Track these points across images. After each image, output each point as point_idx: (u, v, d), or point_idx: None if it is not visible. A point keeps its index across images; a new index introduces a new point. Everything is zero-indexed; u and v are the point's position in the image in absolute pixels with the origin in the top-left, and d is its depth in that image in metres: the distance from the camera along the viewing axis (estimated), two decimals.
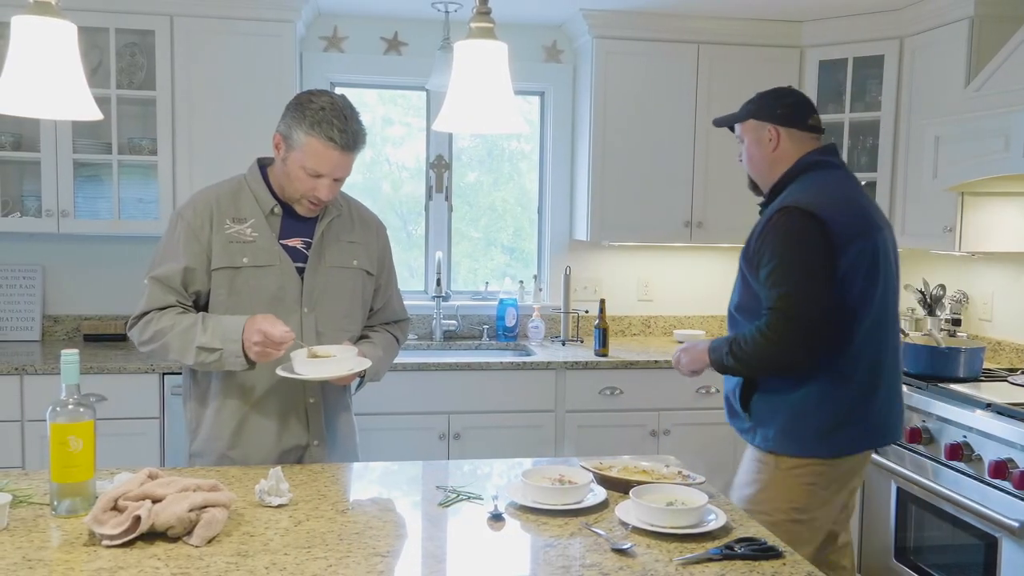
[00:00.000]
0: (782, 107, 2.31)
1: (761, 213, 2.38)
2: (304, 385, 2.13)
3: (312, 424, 2.16)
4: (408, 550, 1.54)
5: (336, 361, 1.99)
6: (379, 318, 2.33)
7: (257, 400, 2.12)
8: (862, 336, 2.16)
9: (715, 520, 1.64)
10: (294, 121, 2.03)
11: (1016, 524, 2.42)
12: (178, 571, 1.41)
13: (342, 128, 2.01)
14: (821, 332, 2.10)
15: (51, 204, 3.53)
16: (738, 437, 2.38)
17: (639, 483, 1.77)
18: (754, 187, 2.45)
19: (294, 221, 2.14)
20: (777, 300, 2.11)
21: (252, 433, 2.12)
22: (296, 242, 2.14)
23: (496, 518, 1.69)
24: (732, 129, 2.44)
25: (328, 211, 2.17)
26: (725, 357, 2.22)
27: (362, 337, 2.25)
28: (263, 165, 2.18)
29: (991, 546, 2.57)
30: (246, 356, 1.96)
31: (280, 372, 1.98)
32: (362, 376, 2.17)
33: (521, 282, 4.29)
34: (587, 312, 4.21)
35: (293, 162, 2.04)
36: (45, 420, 1.64)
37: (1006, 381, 3.00)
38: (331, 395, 2.20)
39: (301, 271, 2.12)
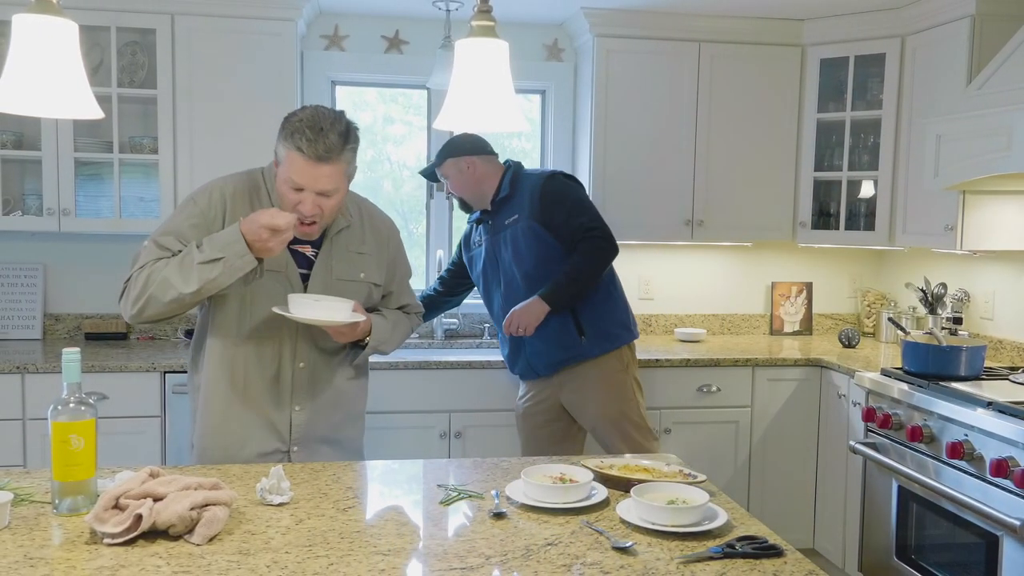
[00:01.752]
0: (468, 143, 3.11)
1: (486, 219, 3.17)
2: (292, 393, 2.13)
3: (295, 430, 2.16)
4: (409, 548, 1.54)
5: (331, 308, 1.99)
6: None
7: (242, 402, 2.12)
8: None
9: (716, 519, 1.64)
10: (279, 136, 2.02)
11: (1017, 523, 2.41)
12: (179, 569, 1.41)
13: (312, 139, 1.94)
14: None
15: (52, 203, 3.53)
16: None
17: (640, 481, 1.77)
18: (464, 206, 3.22)
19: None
20: (591, 225, 3.03)
21: (234, 433, 2.13)
22: (306, 248, 2.13)
23: (497, 516, 1.69)
24: (435, 178, 3.22)
25: (337, 222, 2.14)
26: (566, 288, 2.98)
27: (373, 309, 2.25)
28: None
29: (992, 545, 2.57)
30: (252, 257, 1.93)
31: (275, 309, 1.99)
32: (363, 345, 2.16)
33: None
34: None
35: (279, 177, 2.03)
36: (46, 418, 1.64)
37: (1007, 380, 2.99)
38: (322, 399, 2.19)
39: (306, 278, 2.12)
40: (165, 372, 3.32)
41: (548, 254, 3.04)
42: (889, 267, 4.40)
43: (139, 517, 1.49)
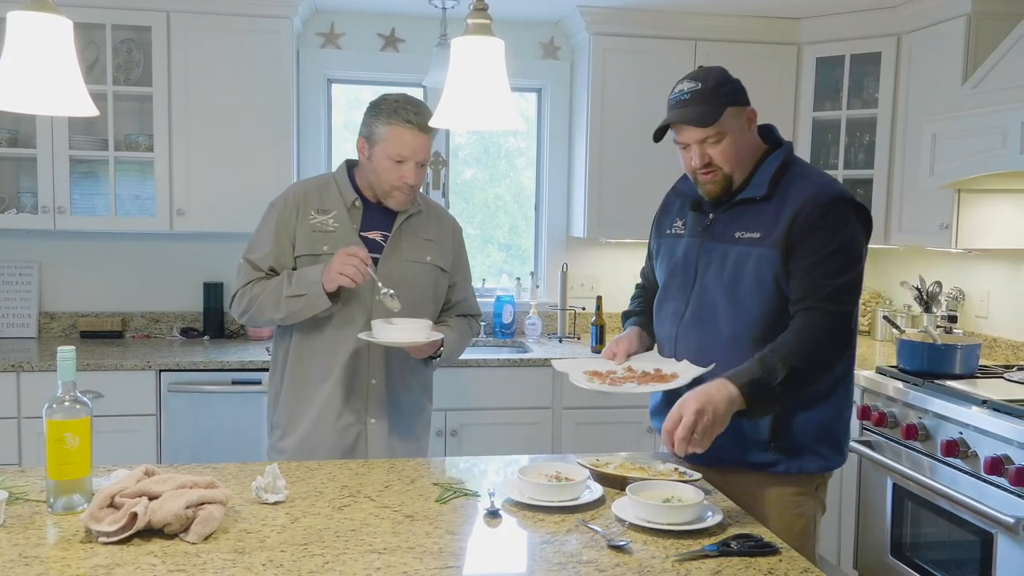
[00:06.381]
0: (743, 89, 2.04)
1: (703, 209, 2.05)
2: (369, 366, 2.31)
3: (372, 403, 2.32)
4: (404, 547, 1.54)
5: (411, 330, 2.19)
6: (454, 312, 2.49)
7: (323, 380, 2.30)
8: None
9: (711, 517, 1.64)
10: (373, 119, 2.26)
11: (1011, 520, 2.42)
12: (175, 568, 1.41)
13: (417, 112, 2.24)
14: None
15: (47, 201, 3.52)
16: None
17: (636, 480, 1.77)
18: (725, 188, 1.98)
19: (374, 215, 2.33)
20: (835, 294, 1.84)
21: (316, 410, 2.30)
22: (375, 235, 2.32)
23: (493, 515, 1.69)
24: (660, 137, 2.14)
25: (407, 209, 2.34)
26: (776, 373, 1.77)
27: (438, 322, 2.42)
28: (350, 166, 2.39)
29: (987, 542, 2.58)
30: (328, 297, 2.20)
31: (360, 336, 2.19)
32: (436, 356, 2.34)
33: (518, 279, 4.29)
34: (584, 309, 4.21)
35: (379, 155, 2.25)
36: (42, 417, 1.63)
37: (1002, 378, 3.00)
38: (394, 375, 2.35)
39: (376, 261, 2.28)
40: (160, 370, 3.32)
41: (779, 313, 1.89)
42: (884, 265, 4.40)
43: (134, 516, 1.49)
